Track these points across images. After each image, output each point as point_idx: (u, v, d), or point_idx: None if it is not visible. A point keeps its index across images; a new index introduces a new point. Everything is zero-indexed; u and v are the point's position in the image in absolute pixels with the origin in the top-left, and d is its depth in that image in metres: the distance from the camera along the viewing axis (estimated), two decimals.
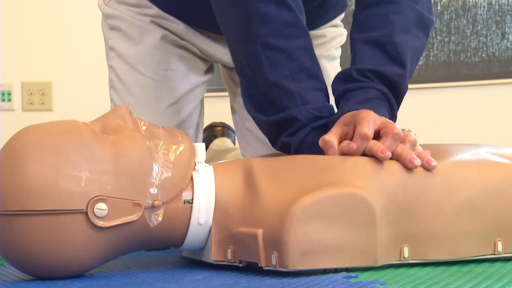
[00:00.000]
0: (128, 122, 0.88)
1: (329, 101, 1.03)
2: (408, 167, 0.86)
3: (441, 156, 0.91)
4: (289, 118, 0.99)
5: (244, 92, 1.06)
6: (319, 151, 0.93)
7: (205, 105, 1.37)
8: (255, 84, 1.03)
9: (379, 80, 1.01)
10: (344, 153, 0.88)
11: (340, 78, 1.04)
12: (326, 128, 0.97)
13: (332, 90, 1.05)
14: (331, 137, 0.91)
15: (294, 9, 1.02)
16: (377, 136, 0.89)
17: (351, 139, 0.91)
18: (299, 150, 0.99)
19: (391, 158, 0.86)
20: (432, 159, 0.87)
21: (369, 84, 1.01)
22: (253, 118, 1.06)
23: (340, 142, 0.91)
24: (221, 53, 1.30)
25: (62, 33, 2.96)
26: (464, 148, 0.95)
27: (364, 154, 0.88)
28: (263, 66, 1.01)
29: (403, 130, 0.89)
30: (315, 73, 1.03)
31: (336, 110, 1.02)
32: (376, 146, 0.87)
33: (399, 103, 1.04)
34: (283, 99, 1.00)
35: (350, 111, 0.95)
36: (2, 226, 0.80)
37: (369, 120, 0.89)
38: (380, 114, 0.93)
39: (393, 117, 1.02)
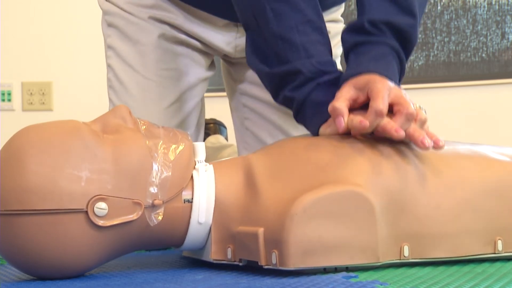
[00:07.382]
0: (128, 121, 0.88)
1: (332, 56, 1.03)
2: (420, 148, 0.86)
3: (440, 155, 0.90)
4: (293, 71, 0.99)
5: (248, 46, 1.06)
6: (323, 109, 0.93)
7: (205, 105, 1.37)
8: (260, 36, 1.03)
9: (392, 33, 1.01)
10: (355, 129, 0.88)
11: (350, 29, 1.03)
12: (331, 85, 0.96)
13: (342, 40, 1.04)
14: (341, 104, 0.90)
15: None
16: (389, 109, 0.89)
17: (360, 104, 0.91)
18: (302, 106, 0.99)
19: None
20: (440, 138, 0.87)
21: (380, 39, 1.00)
22: (256, 71, 1.06)
23: (349, 107, 0.91)
24: (223, 42, 1.30)
25: (62, 33, 2.96)
26: (463, 147, 0.94)
27: (374, 130, 0.88)
28: (268, 17, 1.01)
29: (414, 105, 0.89)
30: (319, 25, 1.03)
31: (337, 60, 1.00)
32: (390, 125, 0.87)
33: (408, 56, 1.04)
34: (287, 51, 1.00)
35: (363, 71, 0.94)
36: (2, 226, 0.80)
37: (384, 94, 0.88)
38: (392, 72, 0.93)
39: (402, 73, 1.01)
